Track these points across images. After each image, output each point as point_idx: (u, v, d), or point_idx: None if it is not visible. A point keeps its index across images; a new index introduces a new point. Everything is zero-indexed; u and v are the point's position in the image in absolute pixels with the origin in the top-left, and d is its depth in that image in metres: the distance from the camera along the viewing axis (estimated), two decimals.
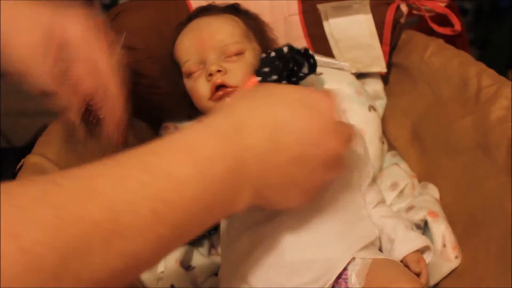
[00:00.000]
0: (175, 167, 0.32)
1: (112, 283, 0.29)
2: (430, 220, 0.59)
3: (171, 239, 0.32)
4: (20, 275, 0.25)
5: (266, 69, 0.57)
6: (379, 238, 0.56)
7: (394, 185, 0.69)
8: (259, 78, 0.56)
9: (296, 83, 0.64)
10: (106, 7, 1.55)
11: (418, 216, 0.60)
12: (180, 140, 0.35)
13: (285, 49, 0.59)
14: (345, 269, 0.51)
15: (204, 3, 0.71)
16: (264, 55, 0.59)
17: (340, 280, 0.51)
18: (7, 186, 0.28)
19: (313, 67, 0.63)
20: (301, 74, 0.62)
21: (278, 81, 0.59)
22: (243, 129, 0.37)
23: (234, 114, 0.39)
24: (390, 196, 0.68)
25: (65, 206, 0.28)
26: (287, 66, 0.60)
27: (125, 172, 0.31)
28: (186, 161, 0.33)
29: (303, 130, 0.39)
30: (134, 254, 0.30)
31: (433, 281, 0.58)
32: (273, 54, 0.59)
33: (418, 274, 0.52)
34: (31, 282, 0.25)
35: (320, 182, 0.43)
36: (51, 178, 0.30)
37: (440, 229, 0.58)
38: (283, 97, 0.41)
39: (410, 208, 0.62)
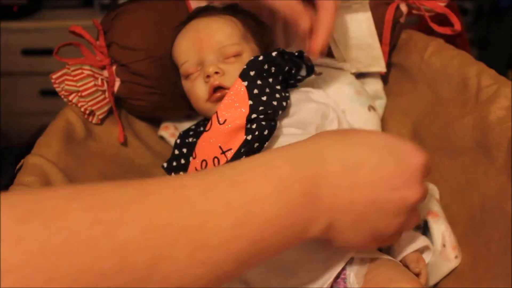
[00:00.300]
0: (257, 186, 0.34)
1: None
2: (430, 220, 0.59)
3: (250, 254, 0.33)
4: (115, 270, 0.27)
5: (252, 73, 0.57)
6: None
7: None
8: (245, 83, 0.56)
9: (294, 85, 0.64)
10: (106, 7, 1.55)
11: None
12: (261, 161, 0.37)
13: (274, 53, 0.59)
14: (343, 268, 0.51)
15: (203, 3, 0.71)
16: (252, 58, 0.59)
17: (339, 280, 0.51)
18: (102, 186, 0.31)
19: (310, 70, 0.62)
20: (299, 77, 0.62)
21: (273, 84, 0.58)
22: (323, 158, 0.38)
23: (316, 143, 0.40)
24: None
25: (156, 210, 0.29)
26: (281, 70, 0.60)
27: (213, 186, 0.33)
28: (266, 181, 0.35)
29: (385, 174, 0.40)
30: (216, 265, 0.31)
31: (432, 281, 0.58)
32: (261, 58, 0.59)
33: (417, 274, 0.52)
34: (123, 279, 0.27)
35: (395, 229, 0.42)
36: (144, 184, 0.32)
37: (440, 229, 0.58)
38: (369, 140, 0.42)
39: None
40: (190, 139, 0.62)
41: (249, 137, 0.53)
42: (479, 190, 0.57)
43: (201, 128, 0.64)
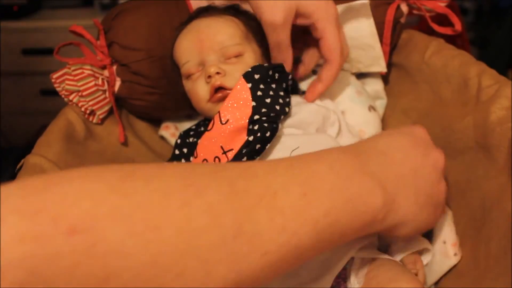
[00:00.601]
0: (313, 163, 0.38)
1: (265, 272, 0.32)
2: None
3: (326, 226, 0.35)
4: (207, 226, 0.29)
5: (257, 76, 0.57)
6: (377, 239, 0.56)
7: None
8: (249, 85, 0.56)
9: (296, 92, 0.65)
10: (106, 7, 1.55)
11: None
12: (322, 155, 0.40)
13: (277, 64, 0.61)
14: (344, 268, 0.51)
15: (204, 3, 0.71)
16: (257, 64, 0.60)
17: (340, 279, 0.51)
18: (186, 163, 0.35)
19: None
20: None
21: (276, 89, 0.59)
22: (367, 153, 0.42)
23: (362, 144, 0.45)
24: None
25: (234, 180, 0.33)
26: (285, 78, 0.61)
27: (274, 165, 0.36)
28: (321, 161, 0.38)
29: (410, 146, 0.46)
30: (297, 235, 0.33)
31: (432, 279, 0.58)
32: (266, 65, 0.60)
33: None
34: (215, 236, 0.29)
35: (442, 195, 0.48)
36: (219, 164, 0.37)
37: (443, 225, 0.58)
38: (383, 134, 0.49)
39: None
40: (191, 139, 0.62)
41: (251, 138, 0.53)
42: (479, 190, 0.57)
43: (202, 128, 0.64)
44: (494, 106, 0.55)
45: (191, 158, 0.58)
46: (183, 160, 0.61)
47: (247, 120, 0.54)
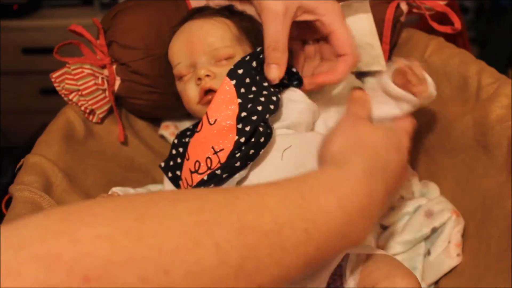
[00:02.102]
0: (323, 198, 0.38)
1: None
2: (454, 218, 0.58)
3: (314, 258, 0.36)
4: (214, 266, 0.29)
5: (240, 71, 0.57)
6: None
7: None
8: (233, 81, 0.56)
9: (286, 86, 0.63)
10: (106, 6, 1.55)
11: (442, 219, 0.59)
12: (324, 176, 0.41)
13: (258, 49, 0.59)
14: (339, 265, 0.51)
15: (203, 3, 0.70)
16: (241, 58, 0.59)
17: (335, 277, 0.51)
18: (198, 191, 0.35)
19: (300, 81, 0.62)
20: (294, 82, 0.61)
21: (260, 81, 0.58)
22: (373, 175, 0.43)
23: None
24: None
25: (245, 214, 0.33)
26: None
27: (286, 195, 0.36)
28: (330, 194, 0.38)
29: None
30: (288, 266, 0.34)
31: (432, 278, 0.58)
32: (248, 57, 0.59)
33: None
34: (218, 275, 0.30)
35: (405, 162, 0.49)
36: (231, 190, 0.36)
37: (452, 226, 0.57)
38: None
39: (429, 214, 0.61)
40: (187, 139, 0.62)
41: (242, 140, 0.53)
42: (479, 188, 0.57)
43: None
44: (494, 104, 0.55)
45: (184, 160, 0.58)
46: (179, 160, 0.62)
47: (235, 119, 0.54)
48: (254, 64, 0.58)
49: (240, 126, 0.54)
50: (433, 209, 0.60)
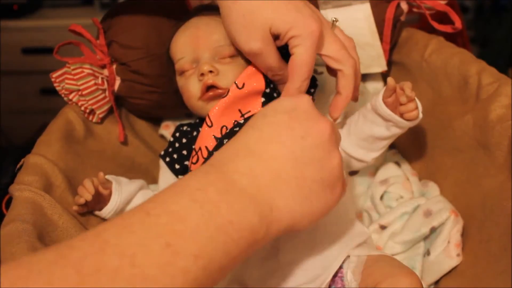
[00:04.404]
0: (171, 203, 0.34)
1: None
2: (453, 218, 0.58)
3: (199, 272, 0.32)
4: None
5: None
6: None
7: (384, 181, 0.69)
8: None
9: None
10: (106, 6, 1.55)
11: (441, 218, 0.58)
12: (183, 187, 0.36)
13: None
14: (340, 267, 0.51)
15: (204, 3, 0.70)
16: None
17: (336, 278, 0.51)
18: (25, 258, 0.29)
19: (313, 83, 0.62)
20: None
21: None
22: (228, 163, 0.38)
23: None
24: (378, 189, 0.68)
25: (82, 261, 0.29)
26: None
27: (127, 221, 0.32)
28: (180, 195, 0.34)
29: (282, 133, 0.41)
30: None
31: (433, 278, 0.58)
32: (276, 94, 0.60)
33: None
34: None
35: (336, 168, 0.42)
36: (63, 244, 0.31)
37: (451, 226, 0.57)
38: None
39: (428, 214, 0.61)
40: (185, 128, 0.66)
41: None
42: (479, 188, 0.57)
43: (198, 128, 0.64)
44: (494, 104, 0.55)
45: (204, 128, 0.59)
46: (177, 144, 0.64)
47: (263, 84, 0.57)
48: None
49: (268, 90, 0.57)
50: (431, 209, 0.60)
